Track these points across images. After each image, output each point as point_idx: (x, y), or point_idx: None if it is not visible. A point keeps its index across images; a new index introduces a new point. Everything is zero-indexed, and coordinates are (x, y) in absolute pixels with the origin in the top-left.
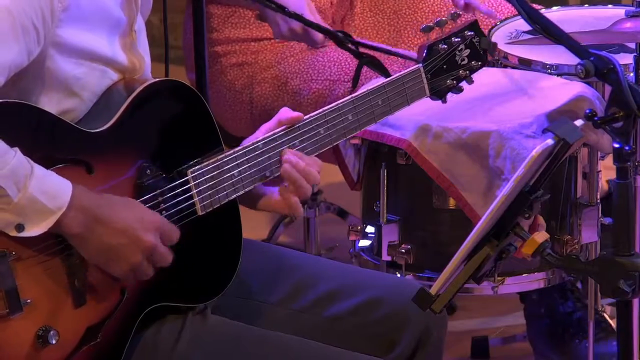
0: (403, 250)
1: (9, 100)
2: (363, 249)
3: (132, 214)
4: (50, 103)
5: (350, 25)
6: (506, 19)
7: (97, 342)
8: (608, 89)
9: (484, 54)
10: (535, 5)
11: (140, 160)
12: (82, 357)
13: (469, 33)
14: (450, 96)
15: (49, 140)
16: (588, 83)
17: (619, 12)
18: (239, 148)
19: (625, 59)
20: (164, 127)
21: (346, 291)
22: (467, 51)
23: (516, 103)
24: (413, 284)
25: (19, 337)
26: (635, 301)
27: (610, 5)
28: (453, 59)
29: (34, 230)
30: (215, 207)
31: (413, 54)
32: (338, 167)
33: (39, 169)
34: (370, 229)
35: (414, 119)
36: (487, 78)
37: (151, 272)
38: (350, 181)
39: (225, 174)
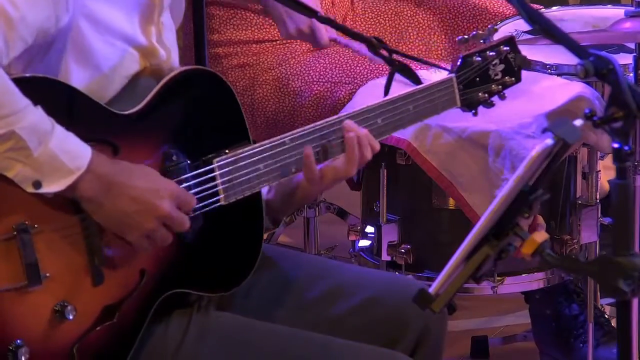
0: (403, 250)
1: (37, 75)
2: (363, 249)
3: (146, 182)
4: (79, 81)
5: (350, 26)
6: (506, 19)
7: (112, 323)
8: (608, 88)
9: (519, 70)
10: (535, 5)
11: (167, 145)
12: (97, 337)
13: (505, 48)
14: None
15: (78, 118)
16: (588, 83)
17: (619, 12)
18: (267, 142)
19: (624, 59)
20: (192, 115)
21: (345, 291)
22: (502, 66)
23: (516, 103)
24: (412, 282)
25: (36, 310)
26: (635, 301)
27: (609, 5)
28: (487, 72)
29: (51, 187)
30: (239, 198)
31: (446, 65)
32: None
33: (60, 128)
34: (370, 229)
35: None
36: None
37: (170, 238)
38: (350, 181)
39: (251, 167)
